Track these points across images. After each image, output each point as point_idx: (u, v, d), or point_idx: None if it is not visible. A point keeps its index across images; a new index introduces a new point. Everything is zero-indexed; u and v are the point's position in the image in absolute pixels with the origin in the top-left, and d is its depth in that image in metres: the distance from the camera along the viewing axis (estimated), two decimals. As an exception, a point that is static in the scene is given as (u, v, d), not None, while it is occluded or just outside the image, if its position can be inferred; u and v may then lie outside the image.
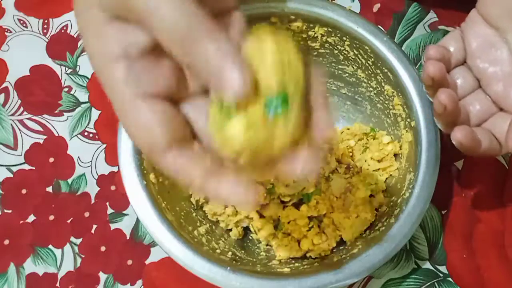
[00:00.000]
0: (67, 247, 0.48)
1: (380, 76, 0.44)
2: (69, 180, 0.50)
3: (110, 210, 0.49)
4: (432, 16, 0.55)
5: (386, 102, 0.45)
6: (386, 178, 0.46)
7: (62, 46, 0.55)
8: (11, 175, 0.50)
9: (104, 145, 0.51)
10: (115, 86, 0.25)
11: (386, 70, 0.43)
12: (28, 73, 0.54)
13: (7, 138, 0.52)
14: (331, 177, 0.46)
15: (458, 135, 0.36)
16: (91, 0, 0.25)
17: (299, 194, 0.45)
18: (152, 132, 0.25)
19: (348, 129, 0.48)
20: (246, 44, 0.26)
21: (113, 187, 0.50)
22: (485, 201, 0.48)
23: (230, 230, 0.45)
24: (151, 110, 0.25)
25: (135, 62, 0.25)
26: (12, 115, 0.52)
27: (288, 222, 0.44)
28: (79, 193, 0.49)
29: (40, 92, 0.53)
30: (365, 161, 0.46)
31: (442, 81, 0.37)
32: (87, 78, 0.53)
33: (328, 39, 0.44)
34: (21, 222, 0.49)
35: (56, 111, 0.52)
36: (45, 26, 0.56)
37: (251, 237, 0.46)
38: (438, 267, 0.46)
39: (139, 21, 0.24)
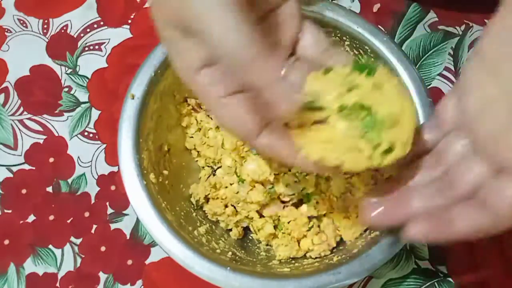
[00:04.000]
0: (67, 247, 0.48)
1: (380, 76, 0.44)
2: (69, 180, 0.50)
3: (110, 210, 0.49)
4: (432, 16, 0.55)
5: (386, 102, 0.45)
6: (386, 178, 0.46)
7: (62, 46, 0.55)
8: (11, 175, 0.50)
9: (104, 145, 0.51)
10: (203, 91, 0.29)
11: (386, 70, 0.43)
12: (28, 73, 0.54)
13: (7, 138, 0.52)
14: (331, 177, 0.46)
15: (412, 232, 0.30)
16: (163, 20, 0.28)
17: (299, 194, 0.45)
18: (243, 122, 0.29)
19: (348, 129, 0.48)
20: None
21: (113, 187, 0.50)
22: (485, 201, 0.48)
23: (230, 230, 0.45)
24: (238, 103, 0.29)
25: (214, 67, 0.29)
26: (12, 115, 0.52)
27: (288, 222, 0.44)
28: (79, 193, 0.50)
29: (40, 92, 0.53)
30: (365, 161, 0.46)
31: None
32: (87, 78, 0.53)
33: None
34: (21, 222, 0.49)
35: (56, 111, 0.52)
36: (45, 26, 0.56)
37: (251, 237, 0.46)
38: (438, 267, 0.46)
39: (201, 40, 0.27)
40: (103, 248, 0.48)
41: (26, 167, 0.51)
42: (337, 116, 0.29)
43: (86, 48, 0.55)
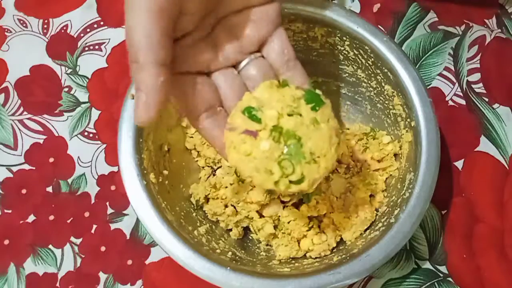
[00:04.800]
0: (67, 247, 0.48)
1: (380, 76, 0.44)
2: (69, 180, 0.50)
3: (110, 210, 0.49)
4: (432, 16, 0.55)
5: (386, 102, 0.45)
6: (386, 178, 0.46)
7: (62, 46, 0.55)
8: (11, 175, 0.50)
9: (104, 145, 0.51)
10: None
11: (386, 70, 0.43)
12: (28, 73, 0.54)
13: (7, 138, 0.52)
14: (331, 177, 0.46)
15: None
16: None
17: (299, 194, 0.45)
18: (189, 102, 0.33)
19: (348, 129, 0.48)
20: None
21: (113, 187, 0.50)
22: (485, 201, 0.48)
23: (230, 230, 0.45)
24: (189, 83, 0.33)
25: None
26: (12, 115, 0.52)
27: (288, 222, 0.44)
28: (79, 193, 0.50)
29: (40, 92, 0.53)
30: (365, 161, 0.46)
31: None
32: (87, 78, 0.53)
33: (328, 39, 0.44)
34: (21, 222, 0.49)
35: (56, 111, 0.52)
36: (45, 26, 0.56)
37: (251, 237, 0.46)
38: (438, 267, 0.46)
39: None
40: (103, 248, 0.48)
41: (26, 167, 0.51)
42: (267, 134, 0.31)
43: (86, 48, 0.55)
